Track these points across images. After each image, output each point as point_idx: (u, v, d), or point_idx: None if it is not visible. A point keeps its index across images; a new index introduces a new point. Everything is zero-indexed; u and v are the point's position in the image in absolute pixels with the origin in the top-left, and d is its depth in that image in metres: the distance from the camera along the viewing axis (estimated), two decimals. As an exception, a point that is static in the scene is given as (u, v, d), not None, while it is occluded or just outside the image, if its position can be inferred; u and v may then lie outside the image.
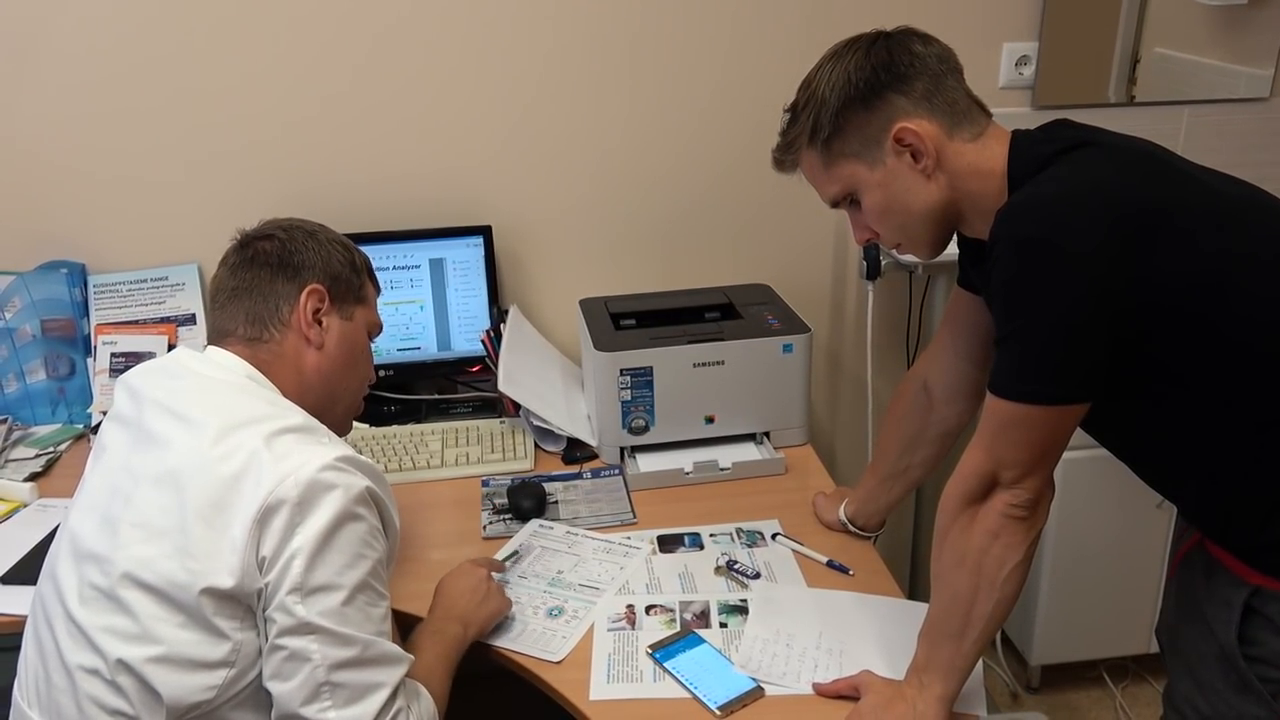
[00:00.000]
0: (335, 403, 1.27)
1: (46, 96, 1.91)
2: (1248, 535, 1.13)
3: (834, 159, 1.19)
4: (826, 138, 1.18)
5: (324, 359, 1.23)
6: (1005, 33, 2.07)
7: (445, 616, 1.32)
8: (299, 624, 1.03)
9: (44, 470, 1.82)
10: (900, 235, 1.23)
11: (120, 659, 1.03)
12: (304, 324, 1.21)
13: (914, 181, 1.17)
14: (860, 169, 1.19)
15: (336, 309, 1.25)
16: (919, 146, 1.15)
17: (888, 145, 1.16)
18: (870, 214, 1.21)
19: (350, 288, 1.27)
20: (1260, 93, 2.17)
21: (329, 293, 1.23)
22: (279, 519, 1.03)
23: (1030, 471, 1.09)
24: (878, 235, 1.24)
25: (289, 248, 1.23)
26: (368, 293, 1.31)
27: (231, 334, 1.21)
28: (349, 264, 1.27)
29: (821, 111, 1.17)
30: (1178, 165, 1.13)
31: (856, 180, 1.20)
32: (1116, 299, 1.02)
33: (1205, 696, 1.19)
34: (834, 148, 1.19)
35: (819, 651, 1.32)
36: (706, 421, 1.81)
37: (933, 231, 1.21)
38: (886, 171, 1.17)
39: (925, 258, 1.26)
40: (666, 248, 2.14)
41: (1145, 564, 2.15)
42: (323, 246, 1.25)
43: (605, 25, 1.97)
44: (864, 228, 1.25)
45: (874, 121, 1.16)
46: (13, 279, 1.94)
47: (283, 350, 1.21)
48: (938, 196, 1.17)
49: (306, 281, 1.22)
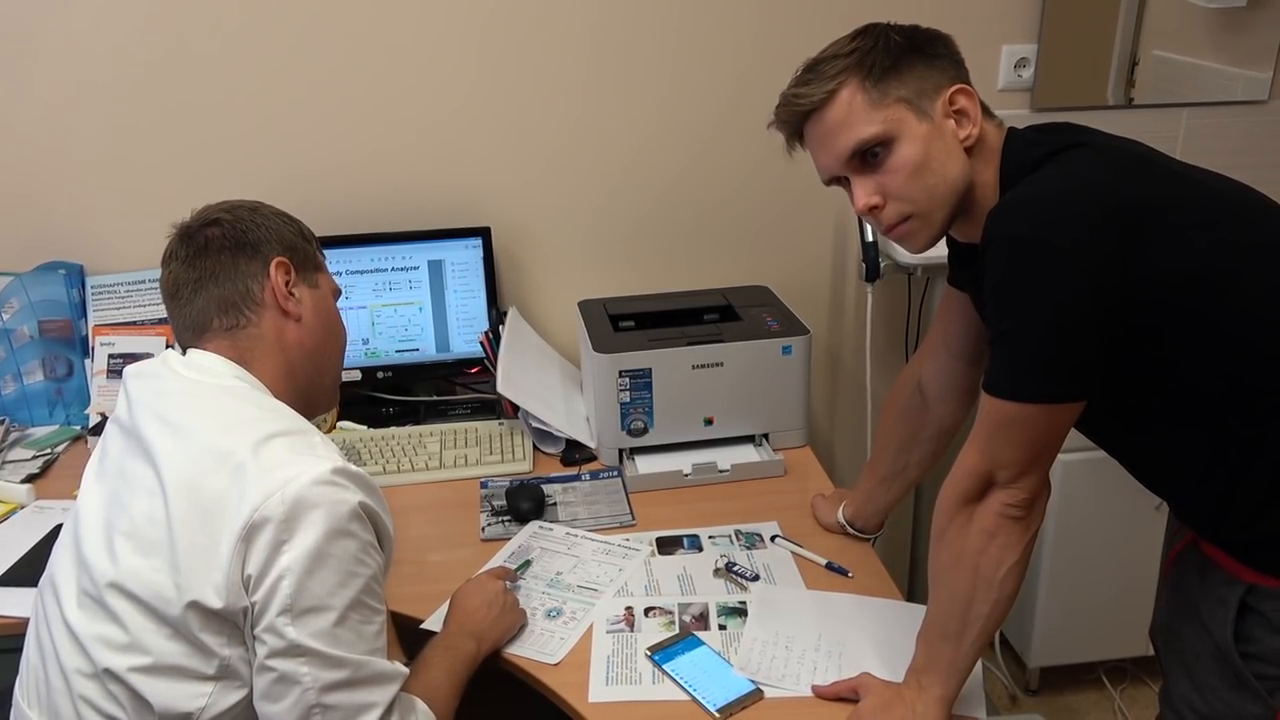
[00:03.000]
0: (323, 374, 1.26)
1: (45, 98, 1.91)
2: (1241, 532, 1.13)
3: (884, 98, 1.12)
4: (881, 74, 1.12)
5: (304, 331, 1.21)
6: (1004, 35, 2.07)
7: (459, 632, 1.30)
8: (289, 646, 1.00)
9: (41, 472, 1.82)
10: (924, 199, 1.14)
11: (108, 668, 1.03)
12: (280, 297, 1.19)
13: (954, 149, 1.14)
14: (909, 116, 1.13)
15: (303, 278, 1.23)
16: (969, 114, 1.13)
17: (940, 103, 1.13)
18: (900, 169, 1.13)
19: (307, 256, 1.25)
20: (1259, 95, 2.17)
21: (292, 263, 1.21)
22: (264, 537, 1.00)
23: (1026, 471, 1.09)
24: (883, 205, 1.15)
25: (239, 228, 1.20)
26: (320, 259, 1.29)
27: (207, 329, 1.18)
28: (298, 233, 1.25)
29: (881, 48, 1.13)
30: (1168, 165, 1.13)
31: (901, 127, 1.12)
32: (1109, 296, 1.02)
33: (1202, 695, 1.20)
34: (887, 85, 1.12)
35: (818, 654, 1.32)
36: (705, 423, 1.81)
37: (946, 212, 1.16)
38: (933, 127, 1.13)
39: (918, 246, 1.19)
40: (665, 249, 2.14)
41: (1144, 566, 2.12)
42: (269, 220, 1.22)
43: (604, 28, 1.97)
44: (873, 191, 1.15)
45: (931, 76, 1.13)
46: (10, 280, 1.94)
47: (262, 332, 1.18)
48: (967, 174, 1.15)
49: (269, 256, 1.19)
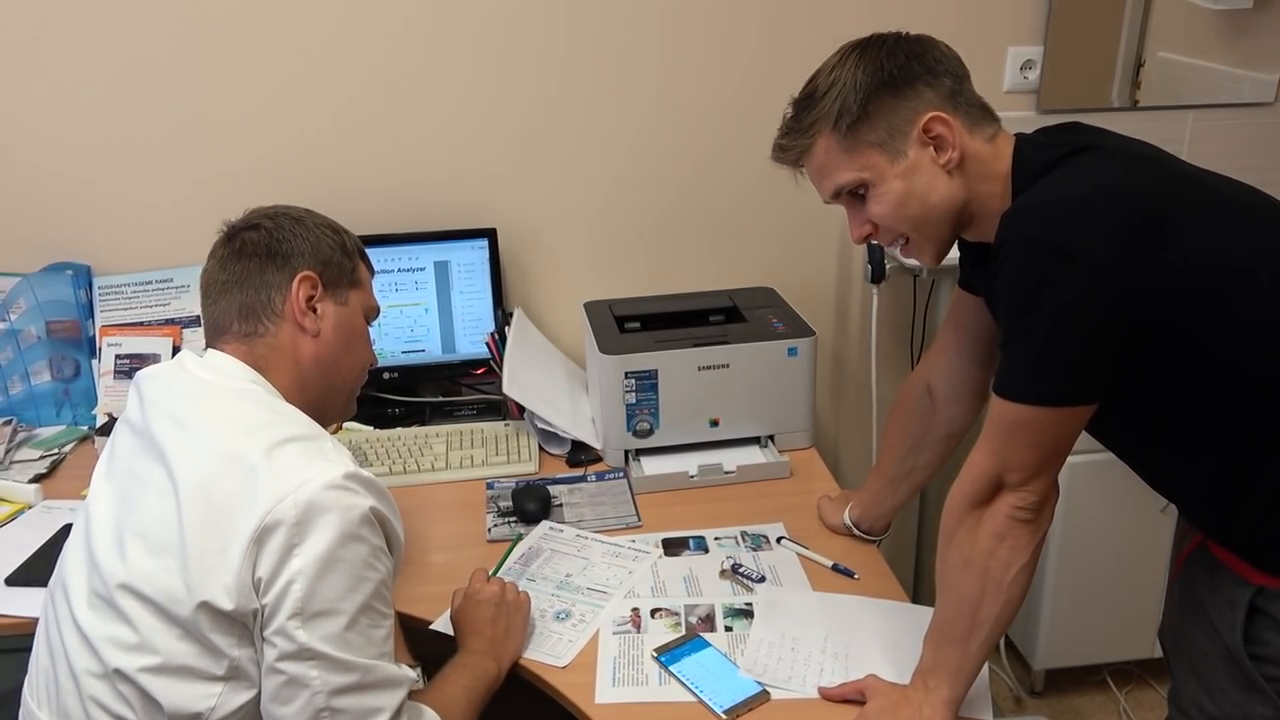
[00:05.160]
0: (335, 391, 1.25)
1: (53, 99, 1.91)
2: (1251, 535, 1.13)
3: (856, 145, 1.16)
4: (852, 122, 1.14)
5: (321, 346, 1.21)
6: (1010, 37, 2.07)
7: (478, 650, 1.30)
8: (299, 649, 1.01)
9: (48, 472, 1.82)
10: (912, 230, 1.18)
11: (118, 668, 1.03)
12: (298, 312, 1.19)
13: (935, 176, 1.15)
14: (881, 160, 1.15)
15: (330, 295, 1.22)
16: (946, 139, 1.14)
17: (913, 136, 1.14)
18: (883, 207, 1.17)
19: (342, 272, 1.24)
20: (1265, 97, 2.17)
21: (321, 279, 1.21)
22: (275, 540, 1.00)
23: (1036, 474, 1.09)
24: (876, 232, 1.21)
25: (276, 236, 1.20)
26: (361, 275, 1.28)
27: (226, 331, 1.19)
28: (339, 247, 1.24)
29: (850, 95, 1.14)
30: (1178, 166, 1.13)
31: (876, 171, 1.16)
32: (1122, 300, 1.02)
33: (1211, 697, 1.19)
34: (858, 134, 1.15)
35: (824, 655, 1.32)
36: (711, 424, 1.81)
37: (945, 230, 1.19)
38: (909, 164, 1.15)
39: (929, 261, 1.22)
40: (671, 251, 2.14)
41: (1149, 568, 2.14)
42: (310, 232, 1.22)
43: (611, 30, 1.97)
44: (864, 223, 1.20)
45: (902, 110, 1.14)
46: (18, 280, 1.95)
47: (279, 343, 1.19)
48: (956, 194, 1.16)
49: (297, 269, 1.19)
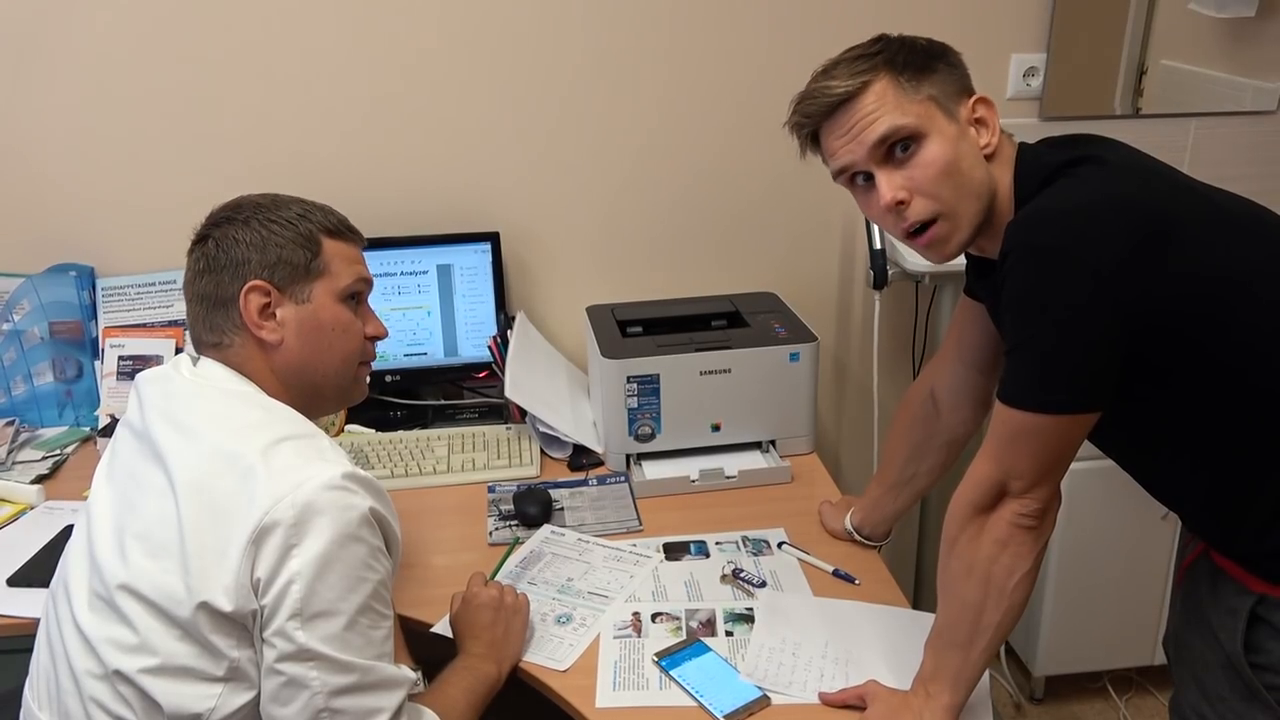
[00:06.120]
0: (320, 388, 1.21)
1: (55, 100, 1.92)
2: (1251, 543, 1.13)
3: (916, 92, 1.13)
4: (914, 72, 1.13)
5: (287, 354, 1.17)
6: (1013, 44, 2.07)
7: (478, 653, 1.30)
8: (298, 650, 1.01)
9: (51, 473, 1.83)
10: (952, 199, 1.13)
11: (118, 669, 1.03)
12: (252, 326, 1.15)
13: (978, 155, 1.15)
14: (938, 114, 1.13)
15: (288, 296, 1.16)
16: (988, 123, 1.15)
17: (964, 109, 1.15)
18: (930, 166, 1.12)
19: (297, 269, 1.16)
20: (1268, 106, 2.17)
21: (273, 283, 1.15)
22: (273, 541, 1.00)
23: (1039, 481, 1.09)
24: (909, 201, 1.13)
25: (221, 247, 1.15)
26: (324, 263, 1.18)
27: (201, 342, 1.19)
28: (295, 240, 1.16)
29: (912, 48, 1.14)
30: (1181, 181, 1.13)
31: (932, 123, 1.12)
32: (1128, 309, 1.02)
33: (1212, 706, 1.20)
34: (918, 83, 1.13)
35: (825, 661, 1.32)
36: (713, 429, 1.81)
37: (976, 214, 1.14)
38: (960, 129, 1.14)
39: (948, 250, 1.17)
40: (673, 255, 2.14)
41: (1150, 575, 2.14)
42: (257, 233, 1.15)
43: (613, 36, 1.97)
44: (899, 187, 1.13)
45: (955, 82, 1.15)
46: (21, 281, 1.95)
47: (248, 354, 1.16)
48: (989, 182, 1.15)
49: (245, 279, 1.14)
